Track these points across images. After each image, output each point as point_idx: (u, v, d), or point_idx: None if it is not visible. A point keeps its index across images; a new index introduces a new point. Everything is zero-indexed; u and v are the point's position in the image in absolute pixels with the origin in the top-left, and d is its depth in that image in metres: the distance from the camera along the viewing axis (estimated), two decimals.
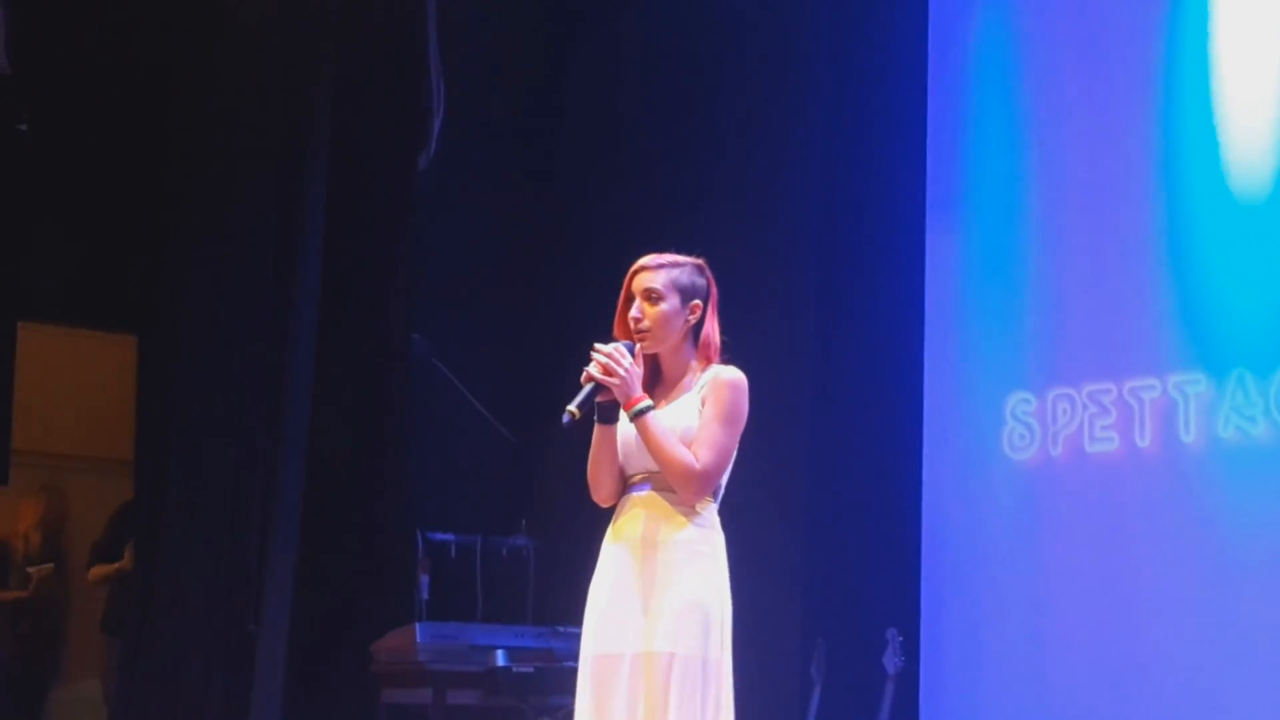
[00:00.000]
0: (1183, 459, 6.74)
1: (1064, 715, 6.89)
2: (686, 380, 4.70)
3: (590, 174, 8.40)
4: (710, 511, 4.64)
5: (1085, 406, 7.00)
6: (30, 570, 8.90)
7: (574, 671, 6.90)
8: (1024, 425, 7.14)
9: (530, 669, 7.05)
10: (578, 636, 7.10)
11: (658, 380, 4.73)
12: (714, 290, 4.75)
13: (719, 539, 4.64)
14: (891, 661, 7.01)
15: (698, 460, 4.56)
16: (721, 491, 4.68)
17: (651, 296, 4.68)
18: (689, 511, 4.60)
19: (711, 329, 4.73)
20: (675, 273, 4.70)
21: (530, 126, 8.44)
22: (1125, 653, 6.75)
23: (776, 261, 7.53)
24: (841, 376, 7.47)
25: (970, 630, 7.20)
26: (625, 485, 4.70)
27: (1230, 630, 6.52)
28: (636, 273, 4.72)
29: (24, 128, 7.70)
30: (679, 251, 4.77)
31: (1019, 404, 7.17)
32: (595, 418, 4.67)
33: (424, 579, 7.46)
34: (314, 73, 7.67)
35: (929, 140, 7.53)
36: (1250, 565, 6.47)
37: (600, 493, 4.73)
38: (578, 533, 7.94)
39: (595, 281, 8.21)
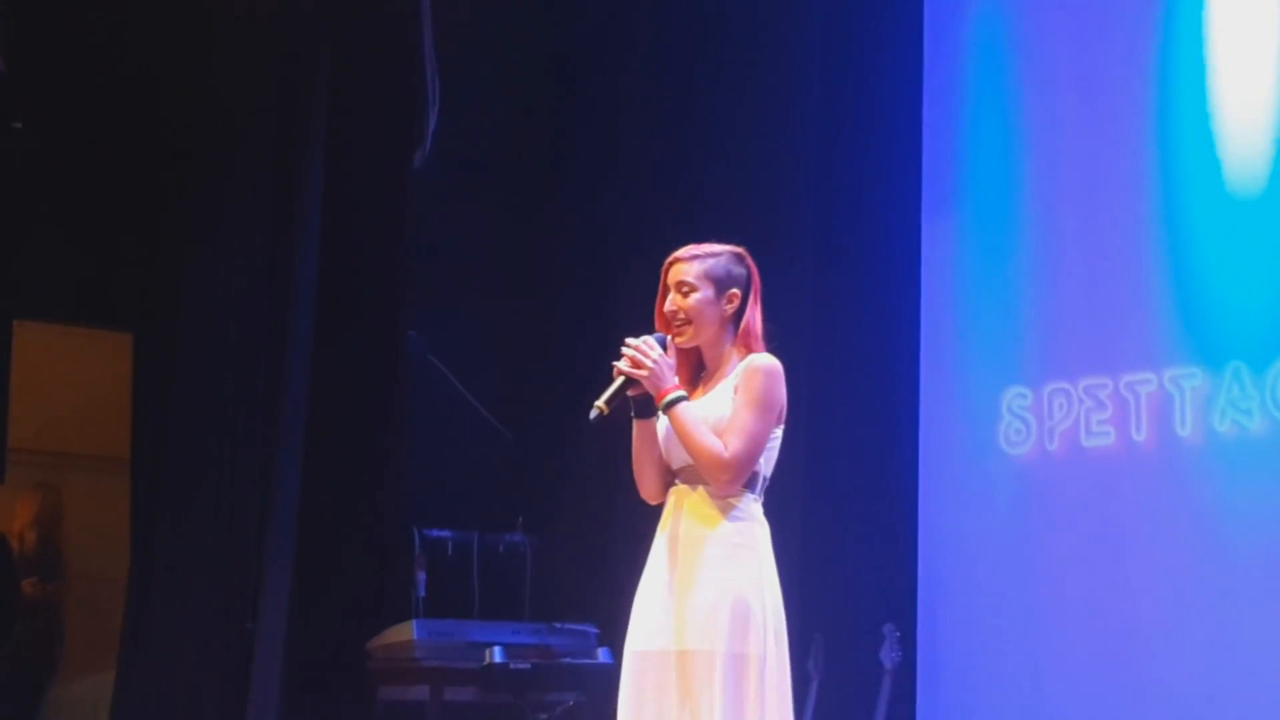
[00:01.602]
0: (1179, 453, 6.74)
1: (1060, 709, 6.89)
2: (726, 370, 4.63)
3: (586, 171, 8.40)
4: (748, 503, 4.55)
5: (1081, 401, 7.00)
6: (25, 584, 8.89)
7: (571, 668, 7.00)
8: (1020, 420, 7.14)
9: (527, 665, 7.05)
10: (574, 633, 7.20)
11: (701, 372, 4.70)
12: (755, 278, 4.68)
13: (761, 531, 4.55)
14: (888, 656, 7.01)
15: (727, 448, 4.49)
16: (762, 482, 4.59)
17: (684, 289, 4.62)
18: (725, 505, 4.52)
19: (752, 317, 4.65)
20: (710, 263, 4.64)
21: (527, 122, 8.44)
22: (1122, 647, 6.75)
23: (773, 258, 7.48)
24: (837, 372, 7.47)
25: (967, 625, 7.20)
26: (672, 480, 4.66)
27: (1227, 624, 6.51)
28: (671, 265, 4.66)
29: (18, 126, 7.70)
30: (711, 241, 4.70)
31: (1015, 399, 7.17)
32: (631, 413, 4.62)
33: (421, 576, 7.45)
34: (309, 70, 7.66)
35: (924, 136, 7.53)
36: (1247, 559, 6.48)
37: (646, 489, 4.66)
38: (574, 529, 8.02)
39: (592, 277, 8.29)
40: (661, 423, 4.59)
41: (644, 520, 4.79)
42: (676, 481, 4.61)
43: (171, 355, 7.69)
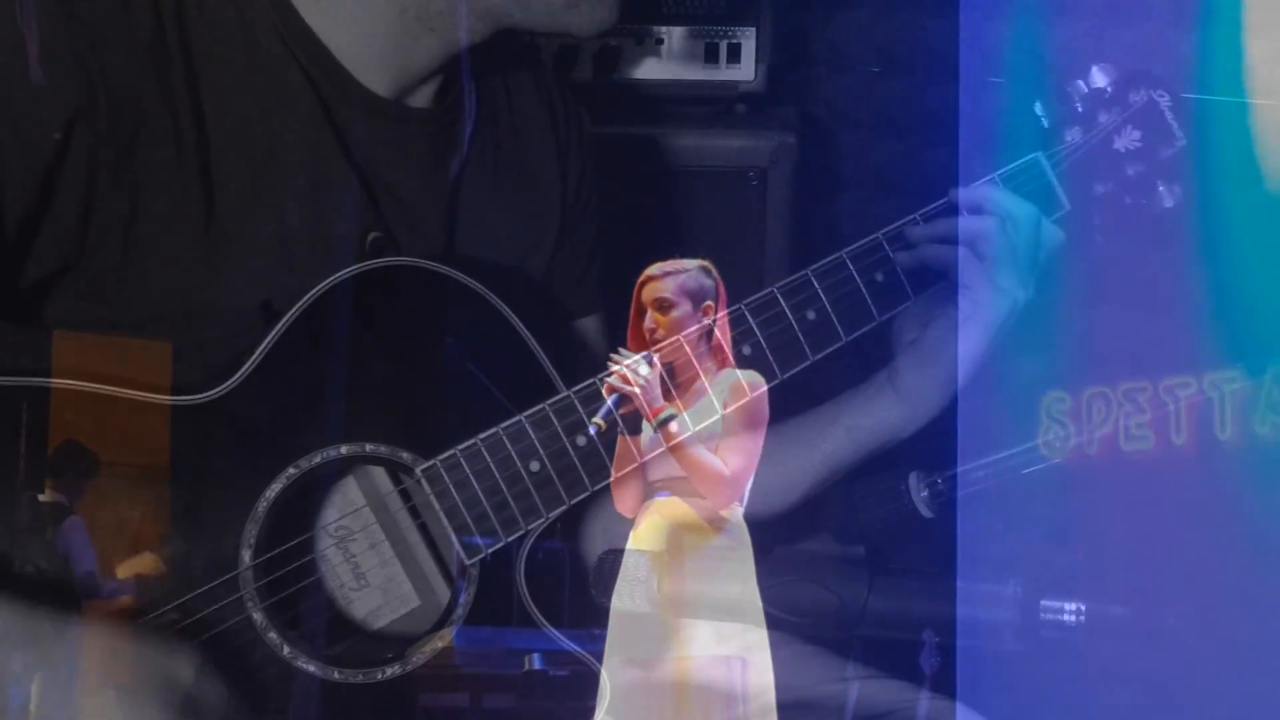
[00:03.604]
0: (1219, 457, 6.74)
1: (1102, 716, 6.90)
2: (703, 383, 4.69)
3: (625, 178, 8.43)
4: (736, 515, 4.72)
5: (1120, 405, 6.99)
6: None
7: None
8: (1058, 425, 7.12)
9: (567, 672, 7.05)
10: None
11: (673, 384, 4.73)
12: (722, 290, 4.77)
13: (746, 541, 4.72)
14: (928, 663, 7.02)
15: (727, 466, 4.61)
16: (746, 495, 4.68)
17: (663, 306, 4.71)
18: (716, 518, 4.67)
19: (723, 328, 4.73)
20: (683, 278, 4.74)
21: (561, 129, 8.44)
22: (1163, 653, 6.75)
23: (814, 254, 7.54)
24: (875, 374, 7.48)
25: (1006, 631, 7.20)
26: (648, 493, 4.71)
27: (1270, 630, 6.51)
28: (644, 283, 4.74)
29: (58, 136, 7.74)
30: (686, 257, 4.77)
31: (1053, 403, 7.16)
32: (619, 429, 4.67)
33: (460, 582, 7.47)
34: None
35: (960, 137, 7.52)
36: None
37: (625, 503, 4.77)
38: (614, 536, 8.01)
39: (631, 285, 8.28)
40: (644, 436, 4.64)
41: None
42: (655, 494, 4.66)
43: (208, 363, 7.74)
